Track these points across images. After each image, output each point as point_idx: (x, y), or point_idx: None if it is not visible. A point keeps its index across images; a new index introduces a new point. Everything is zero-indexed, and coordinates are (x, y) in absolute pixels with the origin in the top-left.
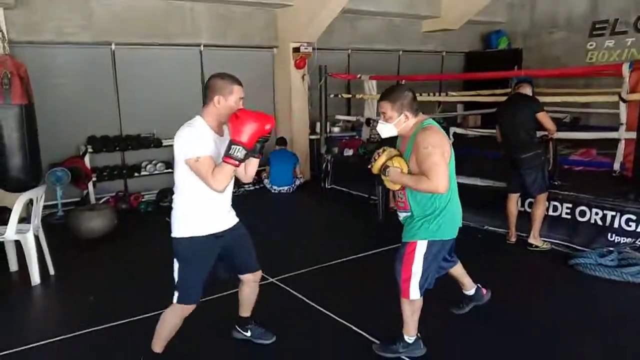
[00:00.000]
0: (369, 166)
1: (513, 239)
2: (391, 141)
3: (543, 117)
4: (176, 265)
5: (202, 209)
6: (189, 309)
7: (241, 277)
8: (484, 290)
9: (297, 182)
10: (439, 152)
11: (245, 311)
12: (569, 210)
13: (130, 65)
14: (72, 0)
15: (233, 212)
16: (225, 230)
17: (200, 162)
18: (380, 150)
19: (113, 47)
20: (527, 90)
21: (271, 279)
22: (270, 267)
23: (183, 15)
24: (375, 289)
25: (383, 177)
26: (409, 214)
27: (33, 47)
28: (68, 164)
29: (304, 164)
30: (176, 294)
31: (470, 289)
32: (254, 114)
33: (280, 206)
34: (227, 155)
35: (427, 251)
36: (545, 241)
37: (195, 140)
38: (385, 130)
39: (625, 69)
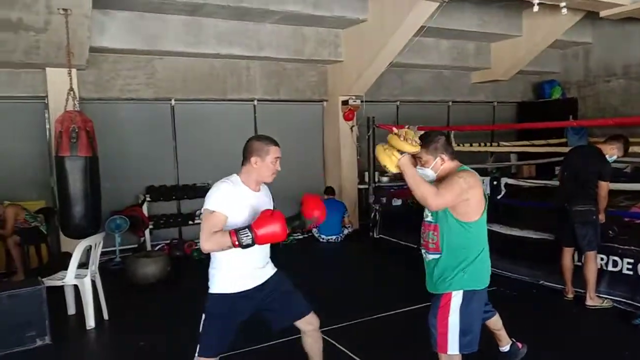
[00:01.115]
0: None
1: (570, 295)
2: None
3: (602, 187)
4: (203, 317)
5: (232, 267)
6: None
7: (297, 325)
8: (520, 345)
9: (346, 232)
10: (465, 186)
11: None
12: (630, 266)
13: (188, 119)
14: (138, 60)
15: (270, 264)
16: (260, 285)
17: (212, 216)
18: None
19: (173, 102)
20: (608, 147)
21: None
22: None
23: (239, 73)
24: (424, 344)
25: (392, 156)
26: (437, 256)
27: (101, 103)
28: (127, 212)
29: (353, 213)
30: (198, 347)
31: (505, 345)
32: (279, 220)
33: (328, 255)
34: (236, 232)
35: (463, 302)
36: (605, 298)
37: (221, 196)
38: (424, 175)
39: None
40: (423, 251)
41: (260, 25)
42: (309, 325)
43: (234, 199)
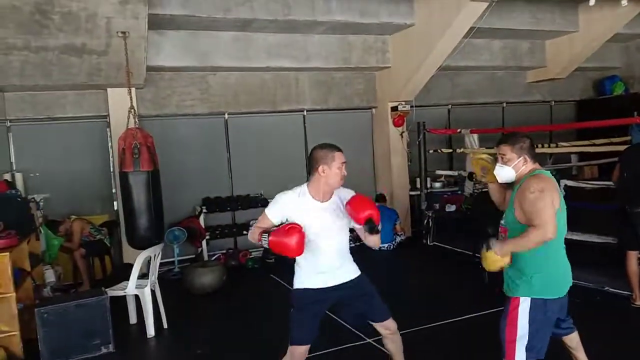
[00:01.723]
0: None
1: (638, 302)
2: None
3: None
4: (290, 311)
5: (307, 265)
6: (300, 350)
7: (377, 328)
8: None
9: (398, 239)
10: (546, 196)
11: None
12: None
13: (240, 132)
14: (192, 77)
15: (353, 267)
16: (339, 284)
17: (263, 216)
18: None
19: (226, 116)
20: None
21: (368, 340)
22: (368, 327)
23: (288, 84)
24: (478, 355)
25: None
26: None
27: (158, 120)
28: (185, 223)
29: (405, 220)
30: (290, 337)
31: None
32: (294, 235)
33: (380, 264)
34: (266, 231)
35: (532, 310)
36: None
37: (277, 204)
38: (503, 173)
39: None
40: None
41: (308, 36)
42: (386, 330)
43: (291, 209)
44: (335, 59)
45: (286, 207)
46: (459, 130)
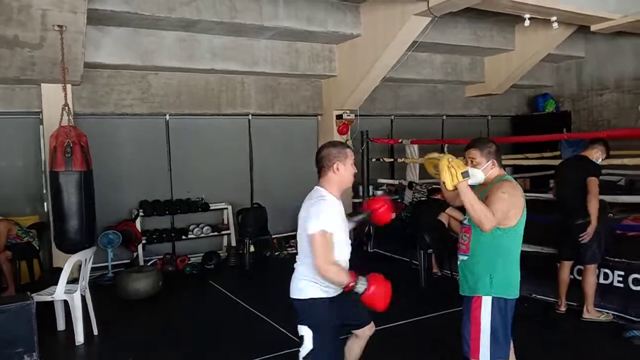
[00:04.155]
0: (438, 176)
1: (563, 308)
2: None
3: (591, 182)
4: (308, 333)
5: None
6: None
7: (356, 332)
8: None
9: None
10: (510, 202)
11: None
12: (621, 279)
13: (182, 134)
14: (132, 75)
15: None
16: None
17: (326, 237)
18: (441, 157)
19: (167, 117)
20: (592, 152)
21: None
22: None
23: (234, 87)
24: (419, 356)
25: (455, 176)
26: (465, 258)
27: (95, 118)
28: (120, 227)
29: None
30: None
31: None
32: (388, 288)
33: None
34: (357, 277)
35: (494, 308)
36: (601, 312)
37: (326, 211)
38: (474, 175)
39: None
40: (458, 255)
41: (255, 40)
42: (369, 332)
43: (337, 215)
44: (282, 65)
45: (337, 214)
46: (400, 140)
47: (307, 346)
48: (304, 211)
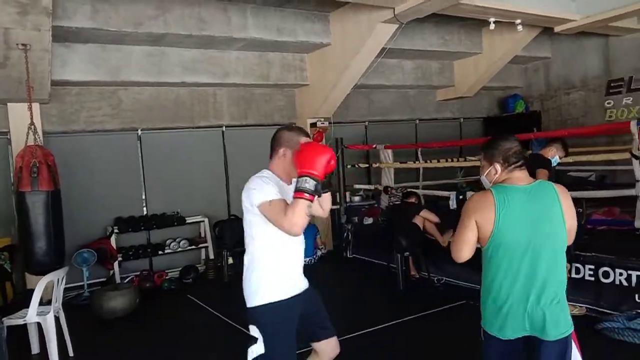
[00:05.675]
0: None
1: None
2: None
3: (539, 172)
4: (259, 340)
5: (279, 269)
6: None
7: (316, 346)
8: None
9: (319, 253)
10: (464, 219)
11: None
12: (592, 272)
13: (155, 148)
14: (102, 92)
15: (304, 276)
16: (300, 294)
17: (273, 204)
18: None
19: (139, 132)
20: (547, 150)
21: None
22: None
23: (206, 100)
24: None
25: None
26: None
27: (66, 137)
28: (95, 245)
29: (326, 234)
30: None
31: None
32: (320, 146)
33: None
34: (297, 190)
35: (485, 343)
36: (574, 305)
37: (265, 186)
38: (484, 182)
39: (634, 126)
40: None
41: (225, 52)
42: (329, 349)
43: (274, 186)
44: (254, 76)
45: (275, 185)
46: (374, 145)
47: (258, 350)
48: (245, 191)
